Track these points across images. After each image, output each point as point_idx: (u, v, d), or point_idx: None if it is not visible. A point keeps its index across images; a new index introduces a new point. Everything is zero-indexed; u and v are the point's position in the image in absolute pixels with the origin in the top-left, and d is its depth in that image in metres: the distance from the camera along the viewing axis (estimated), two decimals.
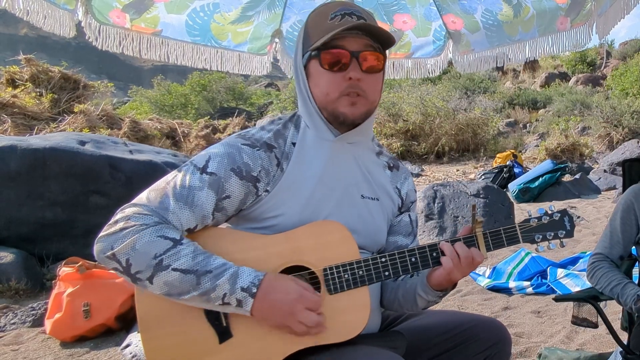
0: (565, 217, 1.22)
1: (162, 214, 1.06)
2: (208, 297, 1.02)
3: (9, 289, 3.66)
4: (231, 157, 1.11)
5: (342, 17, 1.14)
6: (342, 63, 1.13)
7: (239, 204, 1.13)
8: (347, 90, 1.14)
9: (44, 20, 1.77)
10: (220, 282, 1.02)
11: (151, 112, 18.28)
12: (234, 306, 1.03)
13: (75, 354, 2.81)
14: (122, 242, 1.01)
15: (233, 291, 1.02)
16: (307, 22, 1.21)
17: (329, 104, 1.16)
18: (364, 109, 1.17)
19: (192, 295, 1.02)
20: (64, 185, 4.19)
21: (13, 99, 8.73)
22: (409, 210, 1.37)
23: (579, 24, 2.16)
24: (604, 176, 9.52)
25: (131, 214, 1.04)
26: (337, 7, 1.17)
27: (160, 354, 1.06)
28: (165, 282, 1.01)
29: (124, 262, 1.01)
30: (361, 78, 1.14)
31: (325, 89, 1.15)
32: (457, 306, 3.40)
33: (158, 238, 1.02)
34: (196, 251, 1.05)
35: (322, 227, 1.14)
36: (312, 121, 1.20)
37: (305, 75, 1.20)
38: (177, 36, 2.10)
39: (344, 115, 1.16)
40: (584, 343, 2.69)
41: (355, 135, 1.22)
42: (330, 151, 1.20)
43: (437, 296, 1.21)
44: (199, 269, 1.02)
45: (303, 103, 1.22)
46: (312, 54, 1.16)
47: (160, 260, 1.01)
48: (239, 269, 1.05)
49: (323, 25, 1.15)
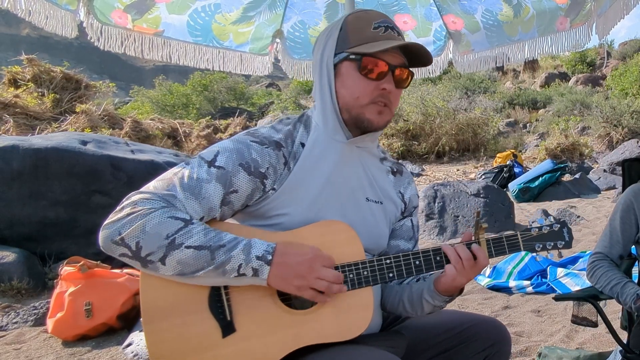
0: (565, 229, 1.25)
1: (169, 200, 1.06)
2: (223, 269, 1.03)
3: (11, 288, 3.67)
4: (240, 153, 1.12)
5: (385, 30, 1.18)
6: (380, 73, 1.17)
7: (246, 199, 1.14)
8: (377, 99, 1.18)
9: (46, 20, 1.78)
10: (235, 253, 1.03)
11: (153, 112, 18.26)
12: (250, 276, 1.04)
13: (77, 353, 2.83)
14: (131, 226, 1.01)
15: (249, 260, 1.03)
16: (347, 23, 1.22)
17: (356, 107, 1.19)
18: (388, 118, 1.22)
19: (207, 271, 1.03)
20: (66, 185, 4.20)
21: (15, 99, 8.75)
22: (411, 215, 1.38)
23: (578, 24, 2.17)
24: (604, 176, 9.52)
25: (138, 200, 1.05)
26: (379, 17, 1.21)
27: (163, 346, 1.05)
28: (179, 260, 1.02)
29: (133, 245, 1.01)
30: (392, 91, 1.19)
31: (357, 93, 1.18)
32: (457, 305, 3.40)
33: (168, 219, 1.02)
34: (207, 228, 1.06)
35: (329, 226, 1.15)
36: (327, 120, 1.22)
37: (334, 74, 1.21)
38: (179, 36, 2.10)
39: (369, 122, 1.19)
40: (584, 342, 2.70)
41: (366, 140, 1.25)
42: (340, 153, 1.22)
43: (444, 301, 1.21)
44: (212, 244, 1.03)
45: (322, 100, 1.23)
46: (351, 56, 1.18)
47: (173, 239, 1.01)
48: (251, 240, 1.07)
49: (366, 32, 1.18)
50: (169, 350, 1.05)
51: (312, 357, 1.08)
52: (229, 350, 1.06)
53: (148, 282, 1.07)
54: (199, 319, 1.07)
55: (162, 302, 1.07)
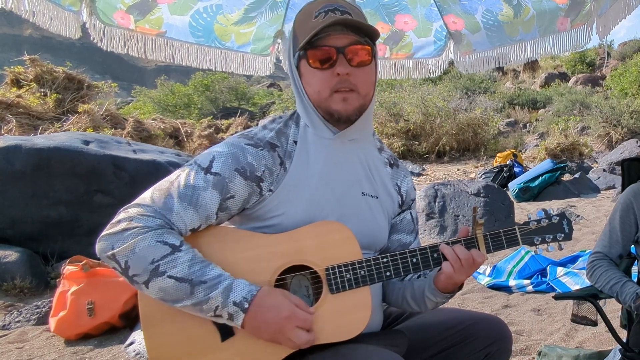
0: (564, 221, 1.22)
1: (166, 215, 1.05)
2: (200, 307, 1.02)
3: (14, 287, 3.69)
4: (235, 157, 1.11)
5: (325, 14, 1.13)
6: (329, 60, 1.13)
7: (243, 203, 1.13)
8: (338, 87, 1.14)
9: (50, 21, 1.78)
10: (214, 294, 1.02)
11: (154, 112, 18.28)
12: (226, 319, 1.04)
13: (79, 352, 2.83)
14: (123, 243, 1.01)
15: (225, 304, 1.02)
16: (295, 22, 1.21)
17: (322, 101, 1.17)
18: (356, 103, 1.17)
19: (185, 304, 1.03)
20: (68, 185, 4.21)
21: (18, 99, 8.77)
22: (409, 208, 1.38)
23: (578, 24, 2.17)
24: (603, 175, 9.53)
25: (134, 215, 1.04)
26: (320, 4, 1.16)
27: (163, 350, 1.06)
28: (160, 288, 1.02)
29: (122, 263, 1.02)
30: (350, 72, 1.13)
31: (317, 87, 1.16)
32: (458, 304, 3.41)
33: (157, 243, 1.02)
34: (194, 259, 1.04)
35: (325, 227, 1.15)
36: (310, 120, 1.21)
37: (299, 75, 1.20)
38: (181, 37, 2.10)
39: (337, 112, 1.16)
40: (584, 341, 2.71)
41: (354, 132, 1.22)
42: (330, 149, 1.21)
43: (445, 297, 1.21)
44: (193, 278, 1.02)
45: (300, 103, 1.22)
46: (301, 53, 1.16)
47: (157, 266, 1.01)
48: (233, 281, 1.04)
49: (308, 24, 1.15)
50: (169, 354, 1.06)
51: (312, 358, 1.08)
52: (228, 353, 1.07)
53: None
54: (198, 323, 1.07)
55: (161, 307, 1.07)
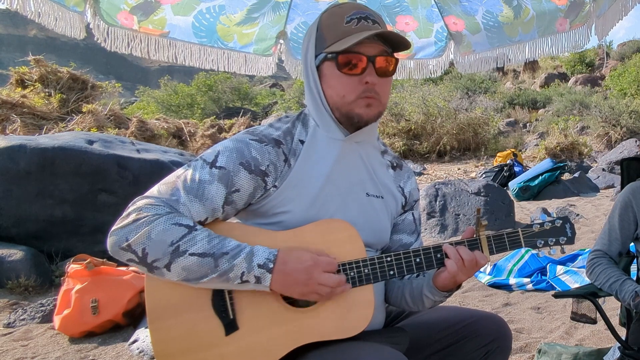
0: (567, 224, 1.23)
1: (173, 205, 1.08)
2: (227, 277, 1.05)
3: (19, 286, 3.71)
4: (240, 152, 1.13)
5: (358, 22, 1.16)
6: (359, 67, 1.16)
7: (248, 197, 1.15)
8: (364, 94, 1.17)
9: (55, 22, 1.79)
10: (237, 261, 1.05)
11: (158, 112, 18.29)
12: (253, 283, 1.06)
13: (84, 349, 2.85)
14: (137, 232, 1.03)
15: (251, 269, 1.05)
16: (321, 22, 1.21)
17: (345, 105, 1.19)
18: (377, 110, 1.21)
19: (211, 278, 1.05)
20: (73, 184, 4.23)
21: (22, 99, 8.80)
22: (412, 209, 1.39)
23: (578, 25, 2.17)
24: (603, 175, 9.53)
25: (143, 206, 1.06)
26: (351, 9, 1.18)
27: (168, 344, 1.07)
28: (184, 267, 1.03)
29: (139, 252, 1.03)
30: (376, 82, 1.17)
31: (342, 91, 1.18)
32: (458, 302, 3.43)
33: (172, 226, 1.04)
34: (211, 235, 1.07)
35: (330, 225, 1.16)
36: (323, 121, 1.22)
37: (318, 75, 1.21)
38: (185, 37, 2.12)
39: (359, 117, 1.19)
40: (583, 339, 2.72)
41: (363, 135, 1.25)
42: (340, 150, 1.22)
43: (443, 296, 1.22)
44: (215, 251, 1.05)
45: (313, 102, 1.23)
46: (329, 56, 1.18)
47: (177, 246, 1.03)
48: (253, 247, 1.08)
49: (339, 28, 1.17)
50: (174, 348, 1.08)
51: (315, 354, 1.09)
52: (232, 348, 1.08)
53: (153, 281, 1.10)
54: (203, 317, 1.09)
55: (166, 301, 1.09)
